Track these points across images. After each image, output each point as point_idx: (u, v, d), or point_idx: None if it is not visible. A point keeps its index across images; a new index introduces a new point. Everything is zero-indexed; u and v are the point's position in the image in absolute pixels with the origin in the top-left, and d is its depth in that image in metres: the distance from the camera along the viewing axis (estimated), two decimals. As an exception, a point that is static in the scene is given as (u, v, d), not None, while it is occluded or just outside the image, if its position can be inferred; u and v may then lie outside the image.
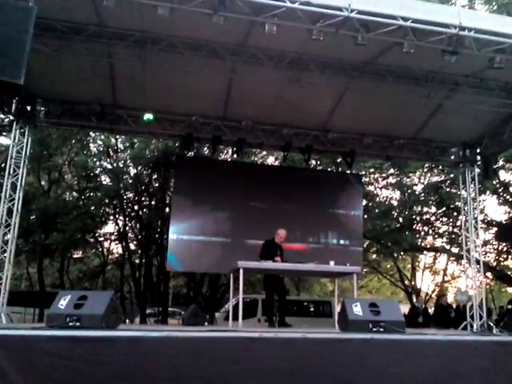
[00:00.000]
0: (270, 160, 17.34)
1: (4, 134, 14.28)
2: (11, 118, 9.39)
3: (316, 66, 8.02)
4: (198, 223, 10.67)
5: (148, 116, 9.32)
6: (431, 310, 16.27)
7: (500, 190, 16.00)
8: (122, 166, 17.20)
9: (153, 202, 17.55)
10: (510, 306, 13.38)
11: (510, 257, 17.99)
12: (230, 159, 15.51)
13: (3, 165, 10.30)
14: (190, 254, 10.62)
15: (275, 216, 10.58)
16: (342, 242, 11.29)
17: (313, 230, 11.23)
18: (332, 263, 7.34)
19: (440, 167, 15.54)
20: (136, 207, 17.74)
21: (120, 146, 17.34)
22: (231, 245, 10.56)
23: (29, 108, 9.09)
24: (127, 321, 16.94)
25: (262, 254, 7.63)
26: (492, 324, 9.76)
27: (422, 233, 18.99)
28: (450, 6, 6.79)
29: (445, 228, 18.23)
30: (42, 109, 9.35)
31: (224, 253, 10.36)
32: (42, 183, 17.45)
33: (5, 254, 8.40)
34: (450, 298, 16.67)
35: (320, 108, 9.55)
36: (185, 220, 10.68)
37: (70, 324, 4.30)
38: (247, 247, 9.99)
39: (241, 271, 6.80)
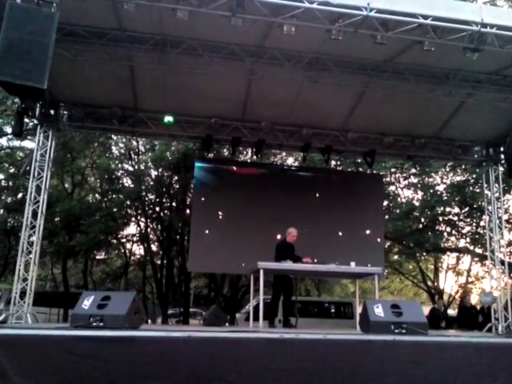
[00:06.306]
0: (290, 161, 17.31)
1: (29, 137, 14.56)
2: (35, 122, 9.58)
3: (335, 66, 8.00)
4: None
5: (168, 118, 9.41)
6: (454, 312, 16.00)
7: (525, 189, 15.61)
8: (143, 168, 17.35)
9: (174, 204, 17.66)
10: None
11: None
12: (249, 160, 15.52)
13: (28, 168, 10.51)
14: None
15: (295, 216, 10.53)
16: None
17: (331, 228, 11.11)
18: (353, 264, 7.30)
19: (463, 166, 15.29)
20: (157, 209, 17.86)
21: (141, 148, 17.50)
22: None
23: (52, 112, 9.27)
24: (149, 321, 17.09)
25: (277, 256, 7.40)
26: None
27: (445, 233, 18.68)
28: (472, 3, 6.66)
29: (468, 228, 17.91)
30: (65, 113, 9.54)
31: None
32: (66, 186, 17.73)
33: (30, 256, 8.58)
34: (475, 300, 16.36)
35: (339, 108, 9.51)
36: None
37: (94, 324, 4.37)
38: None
39: (261, 272, 6.81)
